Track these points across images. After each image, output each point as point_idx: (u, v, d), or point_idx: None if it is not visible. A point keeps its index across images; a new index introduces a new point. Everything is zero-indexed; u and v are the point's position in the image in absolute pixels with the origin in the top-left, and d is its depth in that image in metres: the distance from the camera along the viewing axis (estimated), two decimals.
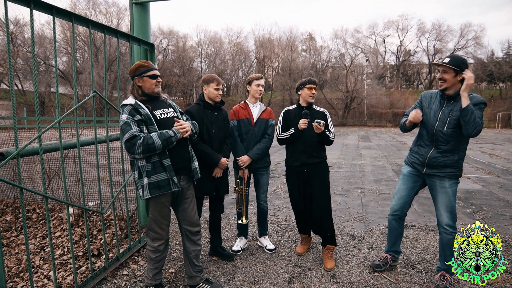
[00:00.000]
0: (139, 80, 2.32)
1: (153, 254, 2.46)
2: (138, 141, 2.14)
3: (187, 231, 2.56)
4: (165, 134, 2.24)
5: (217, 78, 2.91)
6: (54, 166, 4.65)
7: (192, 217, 2.55)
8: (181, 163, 2.41)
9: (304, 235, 3.34)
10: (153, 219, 2.40)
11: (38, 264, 3.08)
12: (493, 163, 9.38)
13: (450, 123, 2.50)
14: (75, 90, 2.65)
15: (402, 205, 2.84)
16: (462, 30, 46.83)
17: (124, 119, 2.20)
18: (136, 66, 2.33)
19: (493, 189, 6.19)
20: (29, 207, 4.70)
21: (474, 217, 4.51)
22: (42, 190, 2.23)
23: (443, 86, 2.51)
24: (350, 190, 5.99)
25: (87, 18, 2.53)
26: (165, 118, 2.37)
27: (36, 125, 2.18)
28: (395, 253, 3.00)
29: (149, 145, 2.16)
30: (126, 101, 2.31)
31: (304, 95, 3.09)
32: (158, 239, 2.44)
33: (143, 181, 2.27)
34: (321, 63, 50.66)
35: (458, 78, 2.42)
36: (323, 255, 3.12)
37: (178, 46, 48.89)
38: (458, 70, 2.40)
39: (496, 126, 31.19)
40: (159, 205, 2.37)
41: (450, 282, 2.64)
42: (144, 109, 2.27)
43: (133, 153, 2.16)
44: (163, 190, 2.30)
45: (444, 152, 2.56)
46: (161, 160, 2.27)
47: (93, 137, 2.76)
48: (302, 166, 3.07)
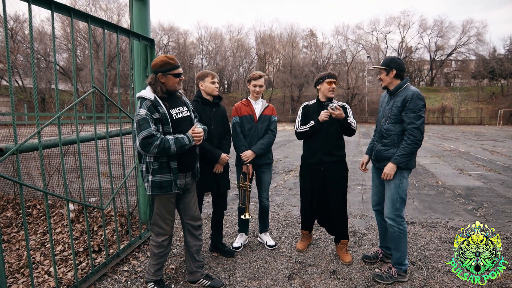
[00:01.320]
0: (162, 77, 2.28)
1: (157, 249, 2.46)
2: (156, 142, 2.12)
3: (189, 226, 2.56)
4: (181, 141, 2.23)
5: (211, 72, 2.92)
6: (55, 162, 4.65)
7: (194, 211, 2.57)
8: (189, 162, 2.45)
9: (305, 231, 3.32)
10: (158, 214, 2.40)
11: (38, 260, 3.09)
12: (494, 160, 9.36)
13: (390, 118, 2.70)
14: (75, 86, 2.64)
15: (377, 200, 2.96)
16: (464, 26, 46.60)
17: (143, 114, 2.17)
18: (162, 62, 2.26)
19: (494, 186, 6.17)
20: (30, 203, 4.70)
21: (475, 213, 4.50)
22: (42, 186, 2.22)
23: (383, 85, 2.77)
24: (351, 187, 5.99)
25: (86, 13, 2.51)
26: (181, 117, 2.38)
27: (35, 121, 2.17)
28: (387, 249, 3.04)
29: (165, 149, 2.16)
30: (145, 94, 2.26)
31: (323, 89, 3.02)
32: (163, 234, 2.44)
33: (148, 177, 2.29)
34: (322, 60, 50.48)
35: (391, 75, 2.67)
36: (338, 250, 3.13)
37: (179, 42, 48.74)
38: (387, 68, 2.67)
39: (498, 123, 31.09)
40: (165, 200, 2.37)
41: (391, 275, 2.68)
42: (162, 108, 2.25)
43: (147, 151, 2.15)
44: (164, 190, 2.31)
45: (385, 145, 2.74)
46: (168, 162, 2.28)
47: (93, 133, 2.75)
48: (319, 164, 3.00)
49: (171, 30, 48.50)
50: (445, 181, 6.63)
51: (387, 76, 2.69)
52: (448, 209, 4.70)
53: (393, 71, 2.66)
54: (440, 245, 3.42)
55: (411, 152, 2.56)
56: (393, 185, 2.66)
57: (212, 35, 50.91)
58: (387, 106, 2.77)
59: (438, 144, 13.78)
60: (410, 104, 2.55)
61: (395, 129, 2.66)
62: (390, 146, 2.70)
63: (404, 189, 2.65)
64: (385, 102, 2.83)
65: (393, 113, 2.66)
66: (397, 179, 2.65)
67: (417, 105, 2.54)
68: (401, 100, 2.60)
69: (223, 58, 50.29)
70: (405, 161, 2.58)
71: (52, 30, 2.27)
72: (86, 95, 2.63)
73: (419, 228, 3.93)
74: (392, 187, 2.67)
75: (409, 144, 2.55)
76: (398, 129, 2.65)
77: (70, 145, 3.50)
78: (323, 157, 2.99)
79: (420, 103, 2.55)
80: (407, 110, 2.57)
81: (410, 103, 2.55)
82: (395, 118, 2.65)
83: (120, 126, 3.03)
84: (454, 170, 7.80)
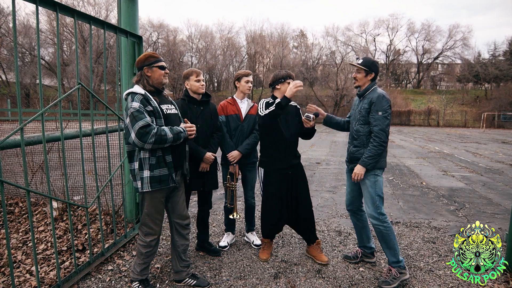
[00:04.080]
0: (148, 70, 2.32)
1: (144, 249, 2.44)
2: (153, 131, 2.13)
3: (177, 225, 2.56)
4: (175, 130, 2.26)
5: (196, 70, 2.92)
6: (38, 159, 4.55)
7: (182, 210, 2.56)
8: (180, 160, 2.46)
9: (267, 239, 3.18)
10: (148, 214, 2.38)
11: (20, 259, 3.02)
12: (476, 162, 9.60)
13: (359, 120, 2.75)
14: (59, 81, 2.59)
15: (350, 200, 3.01)
16: (451, 31, 47.46)
17: (136, 107, 2.16)
18: (146, 56, 2.34)
19: (476, 187, 6.34)
20: (12, 201, 4.59)
21: (457, 214, 4.62)
22: (24, 183, 2.18)
23: (355, 84, 2.81)
24: (337, 187, 6.05)
25: (73, 8, 2.46)
26: (171, 113, 2.41)
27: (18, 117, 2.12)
28: (365, 248, 3.07)
29: (161, 137, 2.16)
30: (135, 89, 2.28)
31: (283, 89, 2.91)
32: (151, 234, 2.43)
33: (143, 174, 2.25)
34: (312, 60, 50.76)
35: (369, 78, 2.73)
36: (313, 251, 3.12)
37: (168, 39, 48.20)
38: (368, 70, 2.70)
39: (481, 126, 31.88)
40: (155, 200, 2.36)
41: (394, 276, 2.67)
42: (153, 101, 2.28)
43: (145, 141, 2.13)
44: (163, 185, 2.31)
45: (355, 147, 2.79)
46: (164, 156, 2.29)
47: (78, 130, 2.71)
48: (288, 168, 2.98)
49: (160, 27, 47.92)
50: (429, 182, 6.77)
51: (365, 77, 2.73)
52: (432, 210, 4.80)
53: (372, 74, 2.73)
54: (423, 244, 3.50)
55: (377, 153, 2.61)
56: (369, 184, 2.71)
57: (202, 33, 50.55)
58: (357, 109, 2.82)
59: (424, 146, 14.05)
60: (375, 105, 2.60)
61: (363, 130, 2.72)
62: (360, 147, 2.75)
63: (380, 187, 2.70)
64: (355, 105, 2.88)
65: (361, 114, 2.72)
66: (372, 177, 2.70)
67: (383, 106, 2.58)
68: (368, 102, 2.67)
69: (213, 56, 49.98)
70: (372, 163, 2.63)
71: (37, 25, 2.22)
72: (71, 91, 2.58)
73: (403, 228, 4.01)
74: (368, 185, 2.72)
75: (375, 146, 2.60)
76: (366, 130, 2.71)
77: (54, 142, 3.44)
78: (293, 160, 2.99)
79: (385, 104, 2.59)
80: (373, 112, 2.62)
81: (375, 105, 2.60)
82: (363, 119, 2.71)
83: (106, 124, 2.99)
84: (438, 172, 7.97)
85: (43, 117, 2.26)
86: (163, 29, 48.25)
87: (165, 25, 48.71)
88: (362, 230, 3.05)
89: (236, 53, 51.52)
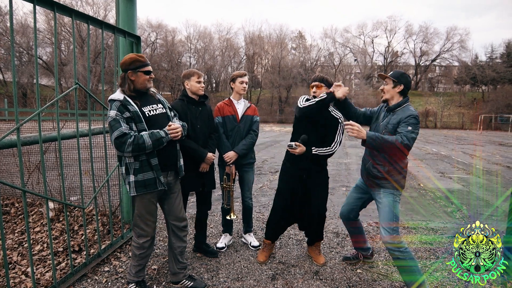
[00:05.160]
0: (132, 74, 2.24)
1: (138, 250, 2.42)
2: (128, 140, 2.10)
3: (174, 226, 2.53)
4: (156, 135, 2.21)
5: (197, 72, 2.90)
6: (35, 159, 4.53)
7: (178, 212, 2.53)
8: (170, 160, 2.41)
9: (268, 241, 3.13)
10: (138, 216, 2.36)
11: (16, 260, 2.99)
12: (474, 164, 9.64)
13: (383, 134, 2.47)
14: (56, 81, 2.58)
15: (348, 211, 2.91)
16: (448, 33, 47.71)
17: (113, 115, 2.14)
18: (132, 60, 2.23)
19: (473, 189, 6.36)
20: (8, 201, 4.56)
21: (455, 215, 4.62)
22: (21, 184, 2.16)
23: (383, 98, 2.59)
24: (335, 188, 6.05)
25: (70, 8, 2.45)
26: (154, 115, 2.33)
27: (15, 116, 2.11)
28: (363, 250, 3.06)
29: (139, 145, 2.13)
30: (114, 96, 2.24)
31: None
32: (144, 236, 2.41)
33: (129, 178, 2.25)
34: (310, 62, 50.86)
35: (397, 90, 2.51)
36: (312, 252, 3.13)
37: (167, 40, 48.16)
38: (397, 81, 2.49)
39: (478, 128, 32.03)
40: (145, 201, 2.33)
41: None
42: (133, 106, 2.21)
43: (123, 151, 2.13)
44: (149, 189, 2.28)
45: (376, 164, 2.55)
46: (148, 159, 2.25)
47: (75, 131, 2.69)
48: (304, 171, 2.88)
49: (159, 27, 47.87)
50: (426, 183, 6.78)
51: (393, 88, 2.52)
52: (429, 211, 4.81)
53: (401, 86, 2.50)
54: (420, 246, 3.50)
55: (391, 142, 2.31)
56: (387, 203, 2.51)
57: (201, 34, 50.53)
58: (382, 122, 2.58)
59: (421, 147, 14.09)
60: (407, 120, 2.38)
61: None
62: (380, 165, 2.52)
63: (397, 209, 2.52)
64: (381, 116, 2.63)
65: (387, 130, 2.48)
66: (391, 198, 2.52)
67: (414, 123, 2.37)
68: (398, 118, 2.43)
69: (211, 57, 49.97)
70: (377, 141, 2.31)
71: (34, 24, 2.20)
72: (68, 91, 2.57)
73: (401, 229, 4.01)
74: (384, 205, 2.52)
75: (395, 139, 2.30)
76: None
77: (51, 142, 3.42)
78: (309, 164, 2.84)
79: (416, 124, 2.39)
80: (402, 124, 2.40)
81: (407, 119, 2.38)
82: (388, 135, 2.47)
83: (104, 124, 2.98)
84: (435, 173, 7.99)
85: (40, 117, 2.24)
86: (162, 29, 48.22)
87: (164, 26, 48.70)
88: (358, 234, 3.02)
89: (234, 54, 51.54)
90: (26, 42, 37.03)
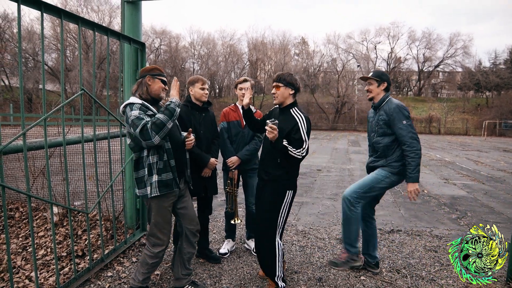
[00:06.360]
0: (150, 79, 2.34)
1: (151, 259, 2.41)
2: (148, 126, 2.12)
3: (188, 231, 2.54)
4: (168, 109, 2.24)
5: (202, 78, 2.94)
6: (40, 164, 4.56)
7: (193, 215, 2.58)
8: (181, 166, 2.48)
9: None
10: (155, 224, 2.37)
11: (19, 264, 3.01)
12: (478, 170, 9.57)
13: (377, 132, 2.80)
14: (62, 87, 2.61)
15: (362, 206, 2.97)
16: (451, 39, 47.68)
17: (136, 114, 2.18)
18: (152, 67, 2.40)
19: (477, 195, 6.31)
20: (12, 205, 4.59)
21: (459, 222, 4.59)
22: (26, 188, 2.18)
23: (369, 96, 2.85)
24: (338, 194, 6.03)
25: (77, 15, 2.49)
26: None
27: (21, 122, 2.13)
28: (369, 257, 3.01)
29: (157, 125, 2.14)
30: (133, 99, 2.29)
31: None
32: (159, 245, 2.40)
33: (152, 179, 2.27)
34: (313, 68, 50.99)
35: (382, 88, 2.78)
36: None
37: (171, 46, 48.57)
38: (379, 80, 2.77)
39: (482, 134, 31.84)
40: (163, 210, 2.35)
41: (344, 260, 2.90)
42: (152, 109, 2.30)
43: (151, 139, 2.13)
44: (169, 189, 2.32)
45: (377, 157, 2.85)
46: (168, 160, 2.33)
47: (80, 136, 2.72)
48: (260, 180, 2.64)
49: (163, 34, 48.33)
50: (430, 190, 6.74)
51: (378, 87, 2.79)
52: (433, 218, 4.77)
53: (384, 83, 2.78)
54: (424, 253, 3.47)
55: (417, 163, 2.61)
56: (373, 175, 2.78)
57: (204, 40, 50.93)
58: (373, 121, 2.86)
59: (425, 154, 14.03)
60: (398, 115, 2.64)
61: (382, 140, 2.77)
62: (380, 158, 2.81)
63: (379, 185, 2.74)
64: (371, 117, 2.92)
65: (379, 126, 2.76)
66: (381, 172, 2.76)
67: (404, 114, 2.65)
68: (385, 113, 2.71)
69: (215, 63, 50.28)
70: (417, 174, 2.62)
71: (41, 31, 2.24)
72: (74, 97, 2.60)
73: (405, 236, 3.98)
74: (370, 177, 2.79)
75: (413, 158, 2.60)
76: (385, 141, 2.75)
77: (56, 148, 3.44)
78: (261, 173, 2.58)
79: (406, 113, 2.66)
80: (396, 122, 2.64)
81: (397, 115, 2.64)
82: (382, 131, 2.76)
83: (108, 129, 3.01)
84: (439, 180, 7.94)
85: (45, 122, 2.27)
86: (166, 35, 48.68)
87: (168, 32, 49.20)
88: (370, 237, 3.00)
89: (237, 60, 51.82)
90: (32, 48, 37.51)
